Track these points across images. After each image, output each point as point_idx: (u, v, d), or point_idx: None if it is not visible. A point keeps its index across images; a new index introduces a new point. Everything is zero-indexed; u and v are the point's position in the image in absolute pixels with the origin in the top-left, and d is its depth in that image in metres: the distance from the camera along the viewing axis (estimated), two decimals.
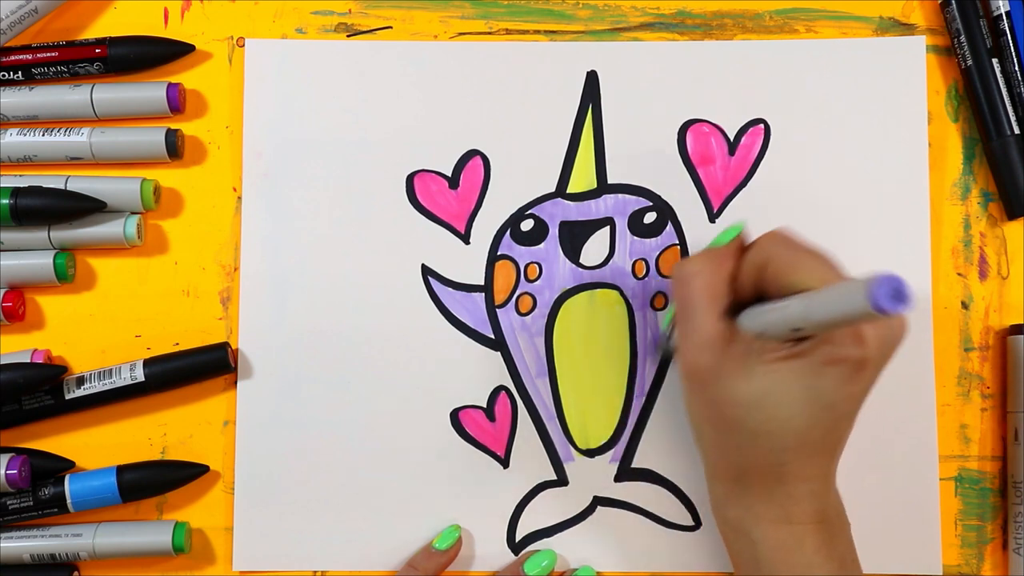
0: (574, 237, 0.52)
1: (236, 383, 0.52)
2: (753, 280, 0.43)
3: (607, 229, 0.52)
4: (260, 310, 0.52)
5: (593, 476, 0.52)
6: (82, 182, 0.51)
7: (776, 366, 0.41)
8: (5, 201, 0.50)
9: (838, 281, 0.40)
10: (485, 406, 0.52)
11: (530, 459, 0.52)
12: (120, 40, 0.52)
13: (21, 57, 0.52)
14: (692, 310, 0.43)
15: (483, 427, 0.52)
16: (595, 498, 0.52)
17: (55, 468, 0.51)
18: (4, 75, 0.52)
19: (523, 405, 0.52)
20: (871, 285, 0.34)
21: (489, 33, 0.54)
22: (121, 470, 0.50)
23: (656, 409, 0.52)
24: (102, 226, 0.51)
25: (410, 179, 0.53)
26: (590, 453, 0.52)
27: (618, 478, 0.52)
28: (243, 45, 0.53)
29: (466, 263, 0.52)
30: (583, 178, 0.53)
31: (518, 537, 0.52)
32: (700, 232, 0.52)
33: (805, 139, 0.53)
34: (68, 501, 0.50)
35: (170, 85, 0.52)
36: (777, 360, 0.41)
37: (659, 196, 0.52)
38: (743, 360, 0.42)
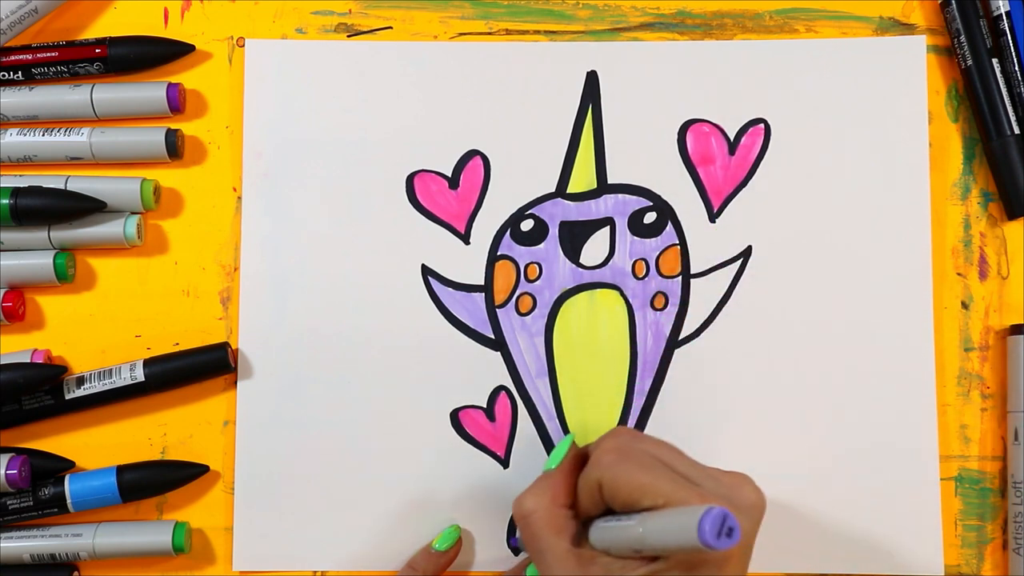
0: (574, 237, 0.52)
1: (236, 383, 0.52)
2: (594, 499, 0.42)
3: (607, 229, 0.52)
4: (260, 310, 0.52)
5: None
6: (82, 182, 0.51)
7: None
8: (5, 201, 0.50)
9: (673, 494, 0.39)
10: (485, 406, 0.52)
11: (530, 459, 0.52)
12: (120, 40, 0.52)
13: (21, 57, 0.52)
14: (540, 549, 0.42)
15: (483, 427, 0.52)
16: None
17: (55, 468, 0.51)
18: (4, 75, 0.52)
19: (523, 405, 0.52)
20: (700, 521, 0.35)
21: (489, 33, 0.54)
22: (121, 470, 0.50)
23: (656, 409, 0.52)
24: (102, 226, 0.51)
25: (410, 179, 0.53)
26: None
27: None
28: (243, 45, 0.53)
29: (466, 263, 0.52)
30: (583, 178, 0.53)
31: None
32: (700, 232, 0.52)
33: (805, 139, 0.53)
34: (68, 501, 0.50)
35: (170, 85, 0.52)
36: None
37: (659, 196, 0.52)
38: None
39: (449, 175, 0.53)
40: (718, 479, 0.41)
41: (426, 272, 0.52)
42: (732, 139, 0.53)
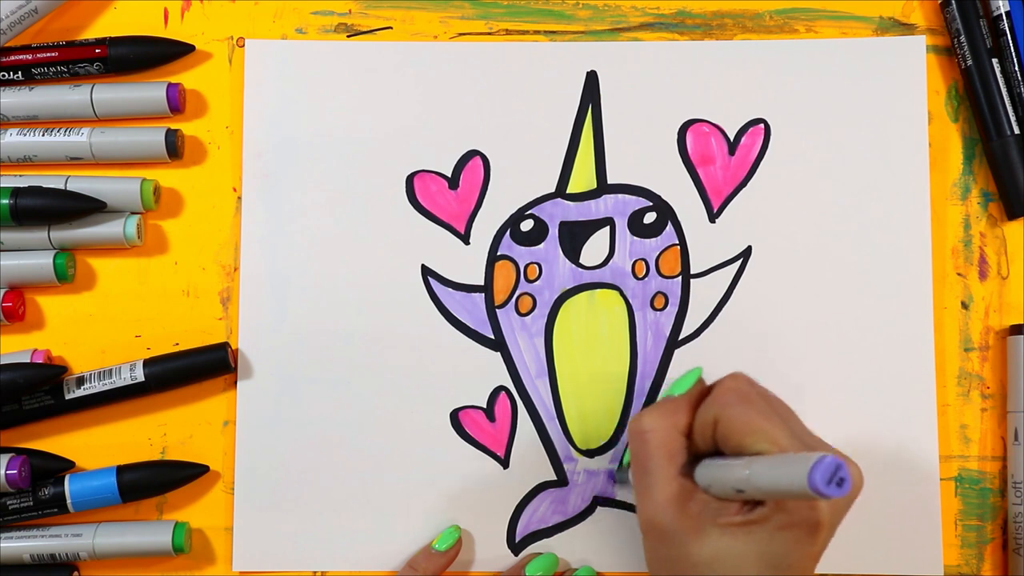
0: (574, 237, 0.52)
1: (236, 383, 0.52)
2: (707, 436, 0.42)
3: (607, 229, 0.52)
4: (260, 310, 0.52)
5: (593, 476, 0.52)
6: (82, 182, 0.51)
7: (731, 530, 0.40)
8: (5, 201, 0.50)
9: (787, 446, 0.40)
10: (485, 406, 0.52)
11: (530, 459, 0.52)
12: (120, 40, 0.52)
13: (21, 57, 0.52)
14: (648, 469, 0.42)
15: (483, 427, 0.52)
16: (595, 498, 0.52)
17: (55, 468, 0.51)
18: (4, 75, 0.52)
19: (523, 405, 0.52)
20: (812, 467, 0.34)
21: (489, 33, 0.54)
22: (121, 470, 0.50)
23: None
24: (102, 226, 0.51)
25: (410, 179, 0.53)
26: (590, 453, 0.52)
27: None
28: (243, 45, 0.53)
29: (466, 263, 0.52)
30: (583, 178, 0.53)
31: (518, 537, 0.52)
32: (700, 232, 0.52)
33: (805, 139, 0.53)
34: (68, 501, 0.50)
35: (170, 85, 0.52)
36: (732, 525, 0.40)
37: (659, 196, 0.52)
38: (699, 520, 0.41)
39: (449, 175, 0.53)
40: (827, 449, 0.42)
41: (426, 272, 0.52)
42: (732, 139, 0.53)
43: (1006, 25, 0.52)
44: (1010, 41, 0.52)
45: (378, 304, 0.52)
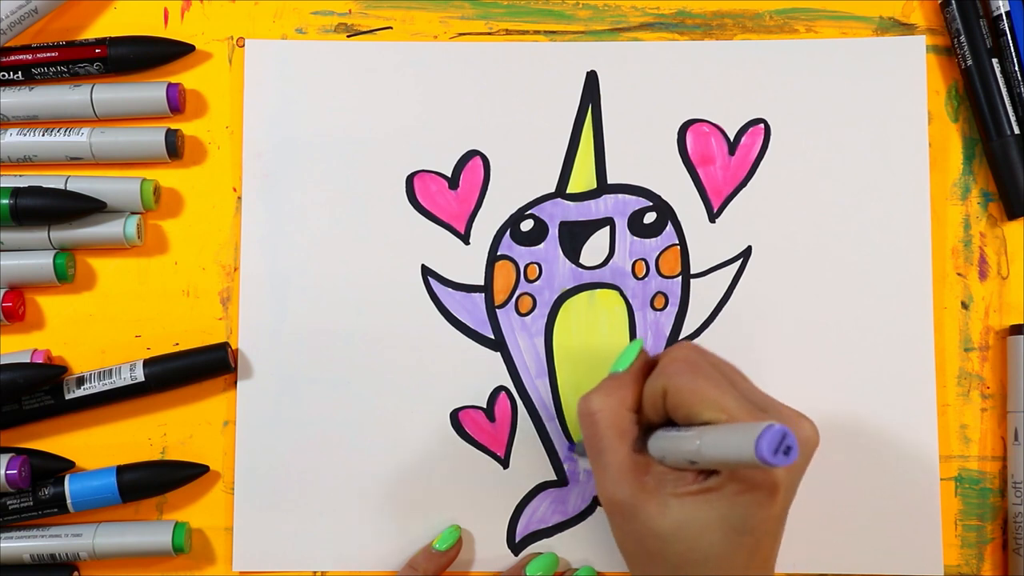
0: (574, 237, 0.52)
1: (236, 383, 0.52)
2: (658, 407, 0.42)
3: (607, 229, 0.52)
4: (260, 310, 0.52)
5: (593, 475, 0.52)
6: (82, 182, 0.51)
7: (690, 499, 0.40)
8: (5, 201, 0.50)
9: (737, 413, 0.39)
10: (485, 406, 0.52)
11: (530, 459, 0.52)
12: (120, 40, 0.52)
13: (21, 57, 0.52)
14: (601, 448, 0.42)
15: (483, 427, 0.52)
16: (595, 498, 0.52)
17: (55, 468, 0.51)
18: (4, 75, 0.52)
19: (523, 405, 0.52)
20: (758, 438, 0.34)
21: (489, 33, 0.54)
22: (121, 470, 0.50)
23: None
24: (102, 226, 0.51)
25: (410, 179, 0.53)
26: None
27: None
28: (243, 45, 0.53)
29: (466, 263, 0.52)
30: (583, 178, 0.53)
31: (518, 537, 0.52)
32: (700, 232, 0.52)
33: (805, 139, 0.53)
34: (68, 501, 0.50)
35: (170, 85, 0.52)
36: (690, 494, 0.40)
37: (659, 196, 0.52)
38: (657, 492, 0.41)
39: (449, 175, 0.53)
40: (779, 409, 0.42)
41: (426, 272, 0.52)
42: (732, 139, 0.53)
43: (1006, 25, 0.52)
44: (1010, 41, 0.52)
45: (378, 304, 0.52)
